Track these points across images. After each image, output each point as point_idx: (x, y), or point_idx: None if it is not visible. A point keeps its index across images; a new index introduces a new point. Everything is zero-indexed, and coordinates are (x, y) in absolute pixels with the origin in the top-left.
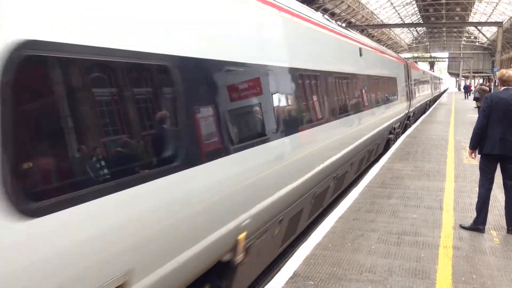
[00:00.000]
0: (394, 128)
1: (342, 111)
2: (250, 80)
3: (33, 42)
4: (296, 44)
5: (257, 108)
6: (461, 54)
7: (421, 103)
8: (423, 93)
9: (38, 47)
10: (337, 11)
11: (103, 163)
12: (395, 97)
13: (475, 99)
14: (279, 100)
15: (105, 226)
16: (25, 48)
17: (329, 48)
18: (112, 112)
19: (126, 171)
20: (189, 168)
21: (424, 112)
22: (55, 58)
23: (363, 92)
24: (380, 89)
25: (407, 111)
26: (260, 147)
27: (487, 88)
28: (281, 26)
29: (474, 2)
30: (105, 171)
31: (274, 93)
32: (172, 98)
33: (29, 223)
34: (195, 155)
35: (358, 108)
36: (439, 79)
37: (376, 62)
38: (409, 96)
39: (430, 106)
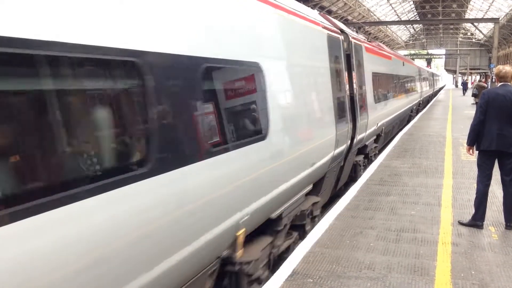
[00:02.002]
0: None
1: None
2: None
3: None
4: None
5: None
6: (458, 50)
7: (397, 113)
8: (402, 98)
9: None
10: (333, 8)
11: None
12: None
13: (473, 95)
14: None
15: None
16: None
17: None
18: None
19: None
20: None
21: (408, 122)
22: None
23: None
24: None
25: (340, 151)
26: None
27: (485, 85)
28: None
29: None
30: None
31: None
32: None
33: None
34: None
35: None
36: (433, 75)
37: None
38: (357, 111)
39: (419, 112)
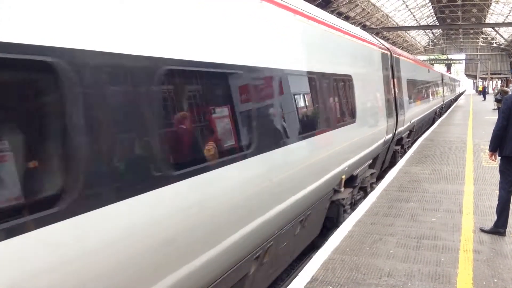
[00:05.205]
0: None
1: None
2: None
3: None
4: None
5: None
6: (478, 55)
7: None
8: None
9: None
10: (351, 14)
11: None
12: None
13: (497, 100)
14: None
15: None
16: None
17: None
18: None
19: None
20: None
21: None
22: None
23: None
24: None
25: None
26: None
27: (508, 90)
28: None
29: (490, 3)
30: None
31: None
32: None
33: None
34: None
35: None
36: (443, 77)
37: None
38: None
39: (412, 144)
